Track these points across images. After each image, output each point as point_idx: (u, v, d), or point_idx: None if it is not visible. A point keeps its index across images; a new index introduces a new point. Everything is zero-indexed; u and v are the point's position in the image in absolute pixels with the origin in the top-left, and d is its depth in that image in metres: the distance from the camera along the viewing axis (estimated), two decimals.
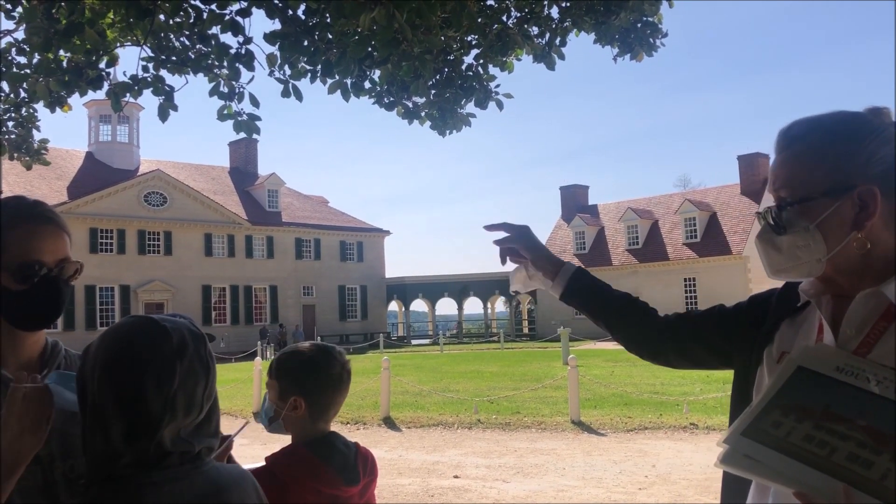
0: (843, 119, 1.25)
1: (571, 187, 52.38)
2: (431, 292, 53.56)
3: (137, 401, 1.18)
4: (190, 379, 1.23)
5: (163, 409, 1.19)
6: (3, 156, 5.64)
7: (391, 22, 2.91)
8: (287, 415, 1.89)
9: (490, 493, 7.74)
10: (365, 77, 4.45)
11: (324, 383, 1.93)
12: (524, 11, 4.63)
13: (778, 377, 1.18)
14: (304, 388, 1.90)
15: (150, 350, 1.21)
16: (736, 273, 39.92)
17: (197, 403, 1.24)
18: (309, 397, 1.90)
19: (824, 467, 1.02)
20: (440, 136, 4.98)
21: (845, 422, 1.07)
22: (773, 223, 1.27)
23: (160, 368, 1.20)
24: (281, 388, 1.91)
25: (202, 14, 4.07)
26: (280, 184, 48.72)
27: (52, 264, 1.50)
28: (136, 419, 1.18)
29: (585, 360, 20.80)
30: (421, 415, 13.07)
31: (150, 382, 1.18)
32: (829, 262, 1.23)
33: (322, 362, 1.94)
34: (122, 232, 40.19)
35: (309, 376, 1.92)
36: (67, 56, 4.27)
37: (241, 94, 4.32)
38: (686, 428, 11.03)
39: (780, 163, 1.28)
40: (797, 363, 1.18)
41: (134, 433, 1.18)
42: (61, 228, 1.55)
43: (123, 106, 4.23)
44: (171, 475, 1.20)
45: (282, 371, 1.93)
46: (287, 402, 1.89)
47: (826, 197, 1.21)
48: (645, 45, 5.04)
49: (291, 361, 1.94)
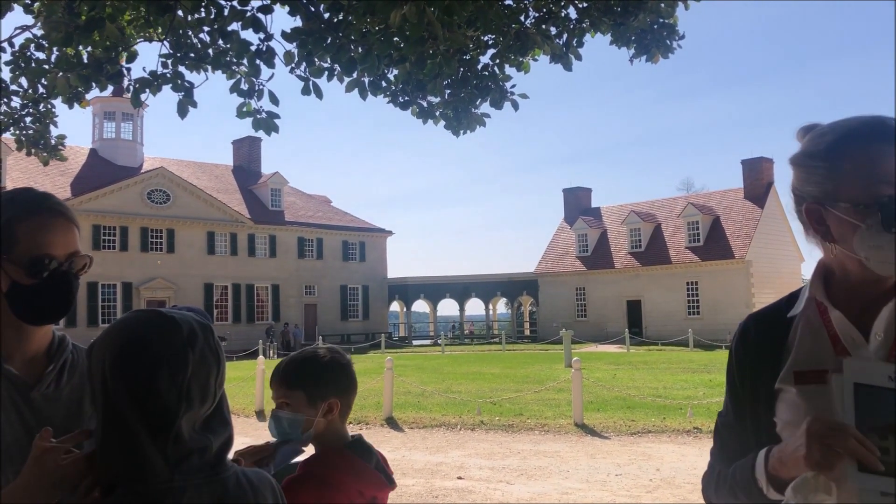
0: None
1: (574, 190, 52.35)
2: (433, 293, 53.56)
3: (152, 392, 1.16)
4: (202, 368, 1.21)
5: (178, 399, 1.17)
6: (21, 150, 5.66)
7: (422, 19, 2.91)
8: (318, 420, 1.84)
9: (494, 495, 7.74)
10: (383, 76, 4.45)
11: (351, 382, 1.93)
12: (542, 11, 4.64)
13: (843, 400, 1.12)
14: (339, 388, 1.88)
15: (160, 341, 1.19)
16: (738, 277, 39.87)
17: (210, 392, 1.23)
18: (343, 397, 1.88)
19: None
20: (454, 135, 4.98)
21: None
22: None
23: (172, 358, 1.18)
24: (309, 395, 1.84)
25: (223, 10, 4.07)
26: (283, 183, 48.75)
27: (63, 258, 1.47)
28: (153, 411, 1.16)
29: (587, 363, 20.79)
30: (424, 415, 13.06)
31: (164, 373, 1.17)
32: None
33: (342, 361, 1.93)
34: (125, 229, 40.21)
35: (339, 376, 1.90)
36: (86, 51, 4.27)
37: (261, 91, 4.32)
38: (690, 432, 11.02)
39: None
40: (853, 381, 1.13)
41: (151, 426, 1.16)
42: (71, 221, 1.52)
43: (143, 102, 4.23)
44: (193, 479, 1.19)
45: (306, 378, 1.86)
46: (318, 407, 1.84)
47: None
48: (661, 47, 5.04)
49: (313, 365, 1.89)
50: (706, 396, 13.99)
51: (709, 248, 41.81)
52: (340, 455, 1.84)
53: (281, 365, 1.93)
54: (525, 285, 50.51)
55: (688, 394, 14.79)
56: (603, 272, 45.98)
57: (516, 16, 4.52)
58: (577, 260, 47.80)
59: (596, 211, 50.95)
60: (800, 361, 1.31)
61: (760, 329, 1.42)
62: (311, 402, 1.84)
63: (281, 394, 1.87)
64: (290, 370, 1.89)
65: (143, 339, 1.20)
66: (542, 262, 49.84)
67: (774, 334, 1.38)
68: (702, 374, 20.01)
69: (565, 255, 48.88)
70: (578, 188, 52.46)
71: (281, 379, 1.88)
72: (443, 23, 3.15)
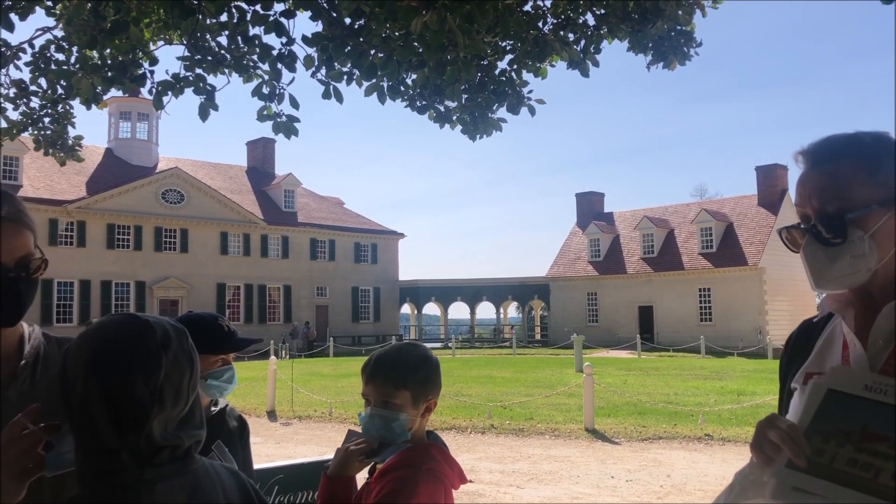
0: (878, 137, 1.30)
1: (587, 194, 52.25)
2: (444, 296, 53.57)
3: (125, 393, 1.18)
4: (175, 371, 1.23)
5: (151, 400, 1.19)
6: (39, 150, 5.72)
7: (443, 26, 2.94)
8: (417, 419, 1.84)
9: (504, 499, 7.74)
10: (401, 80, 4.49)
11: (441, 377, 1.95)
12: (560, 18, 4.66)
13: (810, 403, 1.17)
14: (439, 384, 1.90)
15: (134, 343, 1.21)
16: (751, 284, 39.64)
17: (183, 395, 1.25)
18: (438, 394, 1.90)
19: (873, 490, 1.02)
20: (470, 140, 5.01)
21: (886, 440, 1.05)
22: (825, 235, 1.26)
23: (146, 360, 1.20)
24: (415, 395, 1.83)
25: (245, 15, 4.11)
26: (296, 184, 48.92)
27: (11, 263, 1.45)
28: (125, 410, 1.18)
29: (598, 368, 20.73)
30: (434, 418, 13.01)
31: (138, 374, 1.19)
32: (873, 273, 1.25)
33: (434, 357, 1.93)
34: (140, 228, 40.45)
35: (438, 377, 1.91)
36: (106, 53, 4.32)
37: (282, 95, 4.37)
38: (701, 438, 10.99)
39: (825, 176, 1.28)
40: (826, 386, 1.17)
41: (123, 425, 1.17)
42: (20, 223, 1.48)
43: (165, 104, 4.28)
44: (163, 472, 1.21)
45: (415, 378, 1.84)
46: (420, 407, 1.84)
47: (881, 207, 1.24)
48: (678, 54, 5.05)
49: (422, 366, 1.86)
50: (717, 403, 13.93)
51: (722, 255, 41.60)
52: (437, 448, 1.85)
53: (385, 362, 1.87)
54: (536, 289, 50.42)
55: (699, 400, 14.73)
56: (615, 277, 45.83)
57: (534, 22, 4.54)
58: (588, 265, 47.66)
59: (609, 216, 50.82)
60: (812, 364, 1.36)
61: (802, 332, 1.48)
62: (415, 403, 1.83)
63: (385, 392, 1.82)
64: (397, 370, 1.84)
65: (118, 341, 1.22)
66: (554, 267, 49.74)
67: (808, 337, 1.44)
68: (713, 381, 19.91)
69: (577, 259, 48.76)
70: (591, 193, 52.36)
71: (386, 378, 1.84)
72: (463, 30, 3.18)
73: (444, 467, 1.81)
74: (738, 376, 21.54)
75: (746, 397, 14.96)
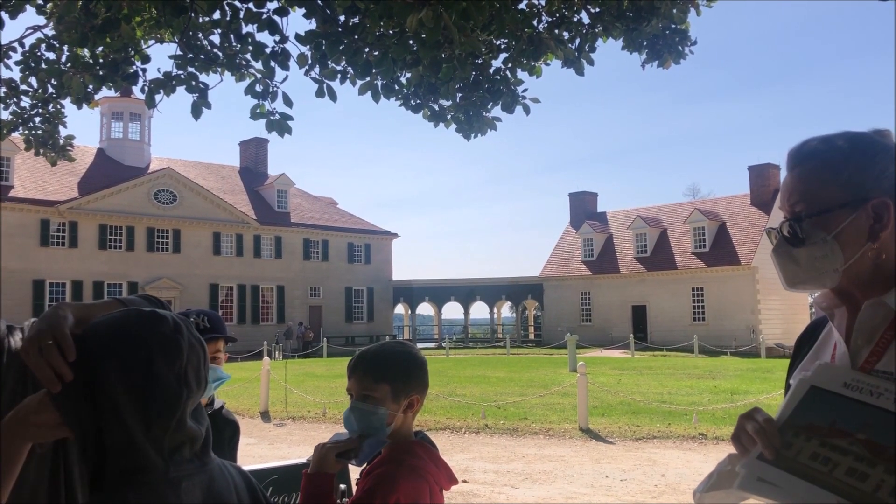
0: (852, 137, 1.31)
1: (580, 194, 52.34)
2: (438, 296, 53.53)
3: (150, 379, 1.16)
4: (193, 354, 1.23)
5: (178, 384, 1.18)
6: (30, 150, 5.67)
7: (438, 23, 2.93)
8: (399, 415, 1.84)
9: (499, 499, 7.73)
10: (395, 79, 4.47)
11: (428, 380, 1.95)
12: (555, 16, 4.65)
13: (792, 398, 1.20)
14: (421, 384, 1.90)
15: (150, 330, 1.20)
16: (744, 284, 39.77)
17: (203, 378, 1.25)
18: (422, 395, 1.90)
19: (826, 484, 1.04)
20: (465, 139, 4.99)
21: (847, 437, 1.08)
22: (789, 236, 1.30)
23: (166, 346, 1.19)
24: (395, 390, 1.83)
25: (238, 12, 4.08)
26: (289, 184, 48.83)
27: None
28: (154, 397, 1.16)
29: (592, 368, 20.76)
30: (428, 418, 13.05)
31: (161, 360, 1.18)
32: (845, 273, 1.27)
33: (423, 358, 1.94)
34: (132, 229, 40.32)
35: (422, 373, 1.91)
36: (98, 52, 4.29)
37: (275, 93, 4.34)
38: (695, 438, 11.01)
39: (794, 178, 1.32)
40: (810, 383, 1.20)
41: (152, 413, 1.16)
42: None
43: (157, 103, 4.24)
44: (186, 470, 1.21)
45: (394, 372, 1.84)
46: (401, 402, 1.84)
47: (843, 209, 1.25)
48: (673, 53, 5.05)
49: (401, 360, 1.87)
50: (711, 402, 13.97)
51: (715, 254, 41.72)
52: (422, 447, 1.85)
53: (367, 356, 1.89)
54: (530, 289, 50.46)
55: (693, 399, 14.77)
56: (608, 277, 45.91)
57: (529, 20, 4.53)
58: (582, 264, 47.74)
59: (602, 215, 50.91)
60: (808, 362, 1.39)
61: (807, 331, 1.51)
62: (395, 397, 1.83)
63: (365, 386, 1.83)
64: (377, 363, 1.85)
65: (133, 329, 1.20)
66: (548, 266, 49.80)
67: (812, 335, 1.47)
68: (707, 381, 19.96)
69: (571, 259, 48.83)
70: (585, 192, 52.44)
71: (366, 371, 1.85)
72: (459, 27, 3.16)
73: (427, 464, 1.80)
74: (732, 375, 21.60)
75: (740, 396, 15.01)
